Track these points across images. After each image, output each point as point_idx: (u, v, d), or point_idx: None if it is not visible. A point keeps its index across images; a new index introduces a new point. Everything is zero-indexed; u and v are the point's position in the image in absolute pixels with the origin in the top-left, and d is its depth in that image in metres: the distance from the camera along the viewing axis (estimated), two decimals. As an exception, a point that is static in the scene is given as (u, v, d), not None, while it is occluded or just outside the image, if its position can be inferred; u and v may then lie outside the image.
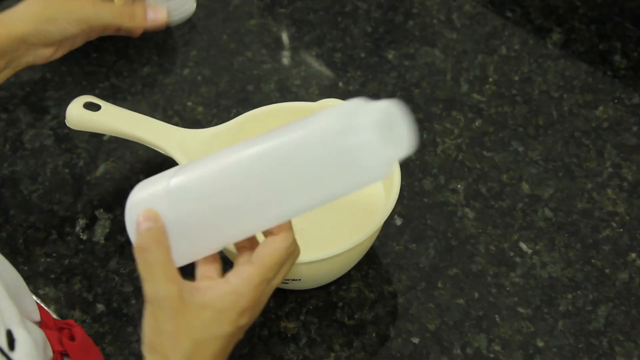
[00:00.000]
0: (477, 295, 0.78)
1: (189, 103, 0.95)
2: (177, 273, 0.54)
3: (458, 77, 0.96)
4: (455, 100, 0.94)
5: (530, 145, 0.89)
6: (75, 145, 0.92)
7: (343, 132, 0.49)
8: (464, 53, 0.98)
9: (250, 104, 0.94)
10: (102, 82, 0.98)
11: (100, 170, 0.89)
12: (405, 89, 0.95)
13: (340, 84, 0.96)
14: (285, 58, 1.00)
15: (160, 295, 0.54)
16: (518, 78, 0.96)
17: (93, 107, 0.84)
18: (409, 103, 0.93)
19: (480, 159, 0.88)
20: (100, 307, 0.79)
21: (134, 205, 0.57)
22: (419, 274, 0.80)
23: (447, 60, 0.98)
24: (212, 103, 0.95)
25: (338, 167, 0.50)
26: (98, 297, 0.80)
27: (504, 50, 0.98)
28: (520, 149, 0.89)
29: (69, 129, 0.88)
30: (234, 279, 0.54)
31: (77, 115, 0.84)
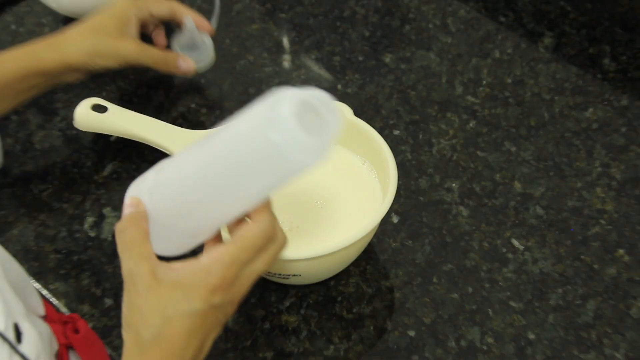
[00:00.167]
0: (470, 290, 0.78)
1: (193, 105, 0.95)
2: (151, 252, 0.55)
3: (453, 79, 0.96)
4: (450, 102, 0.94)
5: (522, 146, 0.90)
6: (83, 146, 0.92)
7: (266, 124, 0.49)
8: (459, 56, 0.98)
9: (252, 106, 0.94)
10: (108, 84, 0.98)
11: (108, 170, 0.89)
12: (402, 91, 0.95)
13: (339, 87, 0.96)
14: (286, 61, 1.00)
15: (134, 272, 0.54)
16: (511, 81, 0.96)
17: (100, 109, 0.85)
18: (406, 105, 0.94)
19: (474, 159, 0.89)
20: (108, 301, 0.79)
21: (126, 198, 0.59)
22: (415, 270, 0.80)
23: (442, 64, 0.98)
24: (215, 105, 0.95)
25: (269, 158, 0.50)
26: (106, 291, 0.80)
27: (497, 54, 0.99)
28: (513, 149, 0.89)
29: (77, 130, 0.89)
30: (205, 258, 0.54)
31: (85, 117, 0.84)
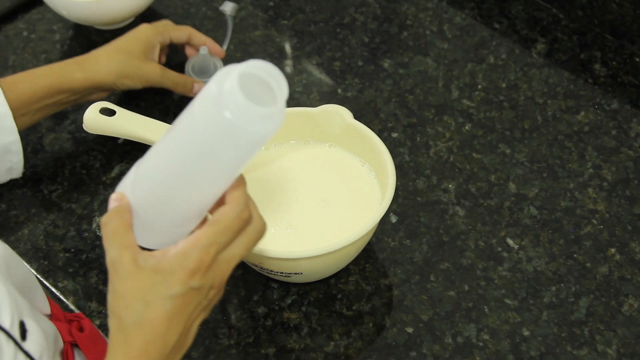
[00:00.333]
0: (467, 288, 0.78)
1: (198, 108, 0.95)
2: (133, 242, 0.55)
3: (449, 84, 0.96)
4: (447, 106, 0.94)
5: (517, 148, 0.89)
6: (92, 148, 0.92)
7: (216, 103, 0.50)
8: (455, 62, 0.98)
9: (255, 110, 0.94)
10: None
11: (115, 172, 0.89)
12: (400, 95, 0.95)
13: (339, 91, 0.96)
14: (288, 66, 0.99)
15: (116, 261, 0.54)
16: (505, 85, 0.95)
17: (108, 112, 0.84)
18: (404, 108, 0.93)
19: (470, 161, 0.88)
20: (115, 299, 0.79)
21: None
22: (413, 268, 0.80)
23: (438, 69, 0.97)
24: (219, 108, 0.95)
25: (227, 134, 0.51)
26: (113, 289, 0.79)
27: (492, 59, 0.98)
28: (507, 151, 0.89)
29: (86, 133, 0.89)
30: (182, 243, 0.54)
31: (93, 120, 0.84)
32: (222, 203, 0.56)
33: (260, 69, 0.52)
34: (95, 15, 0.98)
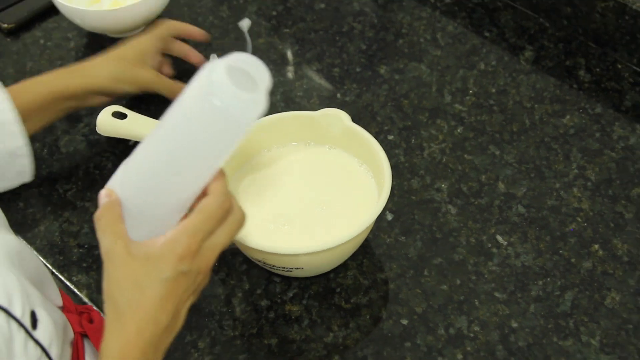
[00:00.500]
0: (459, 282, 0.78)
1: (205, 112, 0.95)
2: (125, 232, 0.56)
3: (442, 89, 0.96)
4: (440, 110, 0.94)
5: (506, 149, 0.89)
6: (105, 150, 0.92)
7: (205, 92, 0.52)
8: (447, 68, 0.98)
9: (259, 113, 0.94)
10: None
11: (127, 172, 0.89)
12: (396, 100, 0.95)
13: (338, 95, 0.96)
14: (290, 72, 1.00)
15: (110, 250, 0.55)
16: (495, 90, 0.96)
17: (120, 115, 0.85)
18: (399, 112, 0.93)
19: (462, 162, 0.88)
20: (127, 292, 0.79)
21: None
22: (408, 263, 0.80)
23: (432, 75, 0.98)
24: (225, 112, 0.95)
25: (216, 122, 0.53)
26: (125, 283, 0.79)
27: (482, 66, 0.98)
28: (497, 153, 0.89)
29: (99, 135, 0.89)
30: (170, 232, 0.55)
31: (106, 123, 0.84)
32: (204, 195, 0.57)
33: (244, 61, 0.54)
34: (108, 24, 0.98)
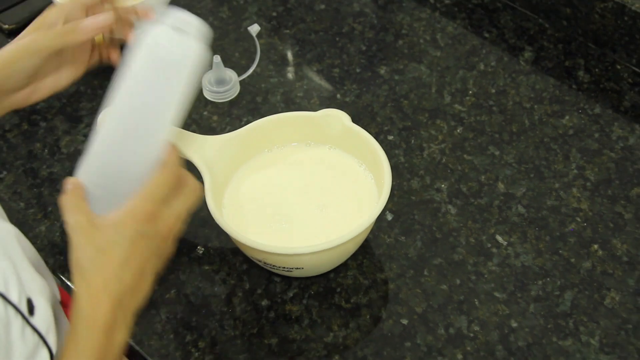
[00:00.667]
0: (458, 282, 0.77)
1: (205, 112, 0.94)
2: (88, 209, 0.59)
3: (442, 89, 0.95)
4: (439, 110, 0.93)
5: (505, 150, 0.89)
6: (106, 150, 0.91)
7: (150, 46, 0.57)
8: (447, 69, 0.98)
9: (259, 114, 0.93)
10: (129, 94, 0.97)
11: (128, 172, 0.89)
12: (396, 100, 0.94)
13: (338, 96, 0.96)
14: (290, 73, 0.99)
15: (74, 224, 0.58)
16: (494, 91, 0.95)
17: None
18: (399, 112, 0.93)
19: (462, 162, 0.88)
20: (127, 292, 0.78)
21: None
22: (408, 263, 0.79)
23: (432, 75, 0.97)
24: (225, 113, 0.94)
25: (165, 69, 0.58)
26: (125, 283, 0.79)
27: (482, 66, 0.98)
28: (497, 153, 0.89)
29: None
30: (129, 201, 0.59)
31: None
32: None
33: (181, 18, 0.58)
34: (109, 25, 0.97)
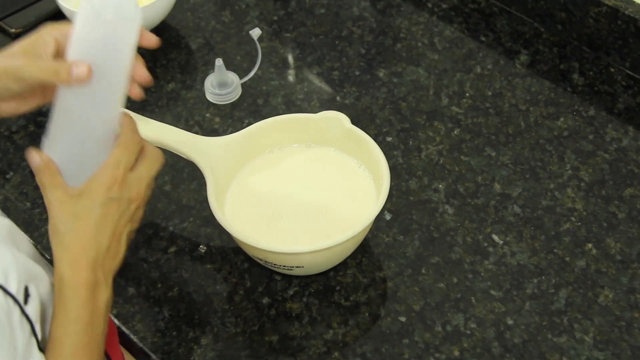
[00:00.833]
0: (455, 280, 0.78)
1: (208, 114, 0.95)
2: (63, 182, 0.62)
3: (439, 92, 0.96)
4: (437, 112, 0.93)
5: (501, 151, 0.89)
6: (110, 151, 0.91)
7: (91, 13, 0.60)
8: (444, 72, 0.98)
9: (260, 115, 0.94)
10: (133, 96, 0.97)
11: (131, 172, 0.89)
12: (394, 102, 0.95)
13: (338, 98, 0.96)
14: (290, 76, 0.99)
15: (51, 198, 0.61)
16: (491, 93, 0.95)
17: (125, 118, 0.84)
18: (397, 114, 0.93)
19: (459, 163, 0.88)
20: (131, 290, 0.78)
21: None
22: (406, 262, 0.79)
23: (429, 78, 0.97)
24: (227, 114, 0.95)
25: (105, 28, 0.60)
26: (129, 281, 0.79)
27: (479, 69, 0.98)
28: (493, 154, 0.89)
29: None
30: (97, 170, 0.62)
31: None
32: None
33: None
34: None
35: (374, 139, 0.78)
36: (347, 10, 1.07)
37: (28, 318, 0.57)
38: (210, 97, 0.96)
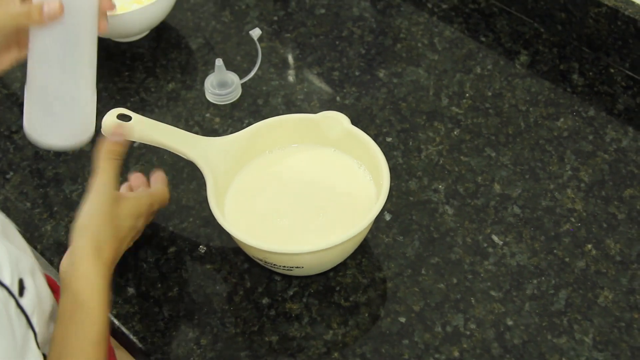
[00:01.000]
0: (455, 281, 0.77)
1: (207, 115, 0.94)
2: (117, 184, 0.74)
3: (439, 92, 0.95)
4: (437, 113, 0.93)
5: (501, 151, 0.89)
6: (110, 151, 0.91)
7: None
8: (444, 72, 0.98)
9: (261, 116, 0.93)
10: (132, 96, 0.97)
11: (131, 173, 0.88)
12: (394, 103, 0.94)
13: (338, 99, 0.95)
14: (291, 76, 0.99)
15: (100, 191, 0.73)
16: (491, 93, 0.95)
17: (125, 118, 0.83)
18: (397, 115, 0.93)
19: (458, 163, 0.88)
20: (131, 290, 0.78)
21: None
22: (406, 262, 0.79)
23: (429, 78, 0.97)
24: (227, 115, 0.94)
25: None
26: (129, 281, 0.79)
27: (479, 70, 0.98)
28: (493, 155, 0.88)
29: (104, 137, 0.88)
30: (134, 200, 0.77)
31: (111, 125, 0.83)
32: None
33: None
34: (113, 29, 0.97)
35: (374, 139, 0.77)
36: (347, 11, 1.06)
37: (23, 311, 0.57)
38: (210, 97, 0.95)
